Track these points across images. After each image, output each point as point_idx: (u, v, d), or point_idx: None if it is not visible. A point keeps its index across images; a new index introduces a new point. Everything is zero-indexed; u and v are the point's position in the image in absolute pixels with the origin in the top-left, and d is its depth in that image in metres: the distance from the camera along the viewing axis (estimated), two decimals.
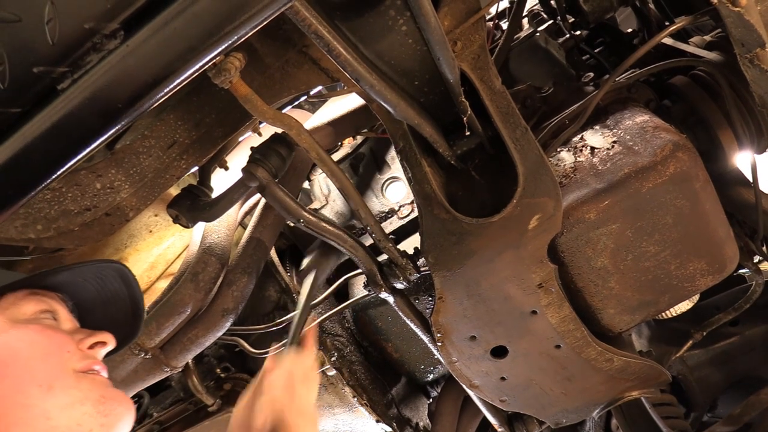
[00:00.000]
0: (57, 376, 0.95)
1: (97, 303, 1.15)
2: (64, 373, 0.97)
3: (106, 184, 1.28)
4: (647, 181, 1.28)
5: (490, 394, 1.52)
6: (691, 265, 1.37)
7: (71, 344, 1.00)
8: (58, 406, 0.93)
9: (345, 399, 1.80)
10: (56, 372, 0.96)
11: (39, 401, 0.91)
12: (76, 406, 0.94)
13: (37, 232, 1.27)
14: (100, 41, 0.67)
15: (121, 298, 1.17)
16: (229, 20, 0.69)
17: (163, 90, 0.70)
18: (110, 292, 1.16)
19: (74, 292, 1.11)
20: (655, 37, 1.38)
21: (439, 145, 1.26)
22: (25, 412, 0.90)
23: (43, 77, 0.69)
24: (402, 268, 1.38)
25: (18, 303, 1.01)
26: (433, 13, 1.02)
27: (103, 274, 1.15)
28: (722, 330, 1.97)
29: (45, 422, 0.91)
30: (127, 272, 1.17)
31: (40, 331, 0.99)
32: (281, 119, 1.13)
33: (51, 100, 0.71)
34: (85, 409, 0.95)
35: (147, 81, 0.68)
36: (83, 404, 0.95)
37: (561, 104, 1.62)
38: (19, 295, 1.02)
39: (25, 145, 0.72)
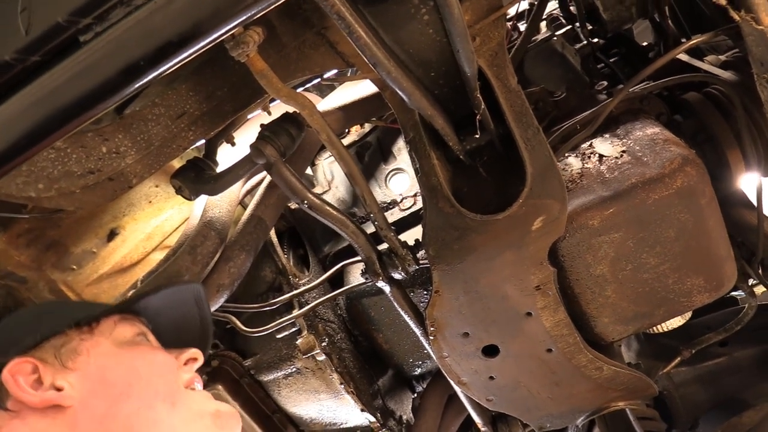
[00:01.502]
0: (176, 392, 1.01)
1: (169, 324, 1.18)
2: (179, 390, 1.02)
3: (111, 148, 1.27)
4: (654, 192, 1.28)
5: (478, 392, 1.52)
6: (689, 280, 1.37)
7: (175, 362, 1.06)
8: (182, 420, 0.98)
9: (332, 385, 1.80)
10: (174, 388, 1.01)
11: (167, 417, 0.96)
12: (197, 420, 1.00)
13: (38, 190, 1.26)
14: None
15: (191, 317, 1.22)
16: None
17: (186, 51, 0.69)
18: (182, 313, 1.20)
19: (151, 315, 1.16)
20: (674, 50, 1.38)
21: (450, 139, 1.26)
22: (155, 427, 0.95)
23: (66, 27, 0.68)
24: (402, 258, 1.37)
25: (116, 327, 1.06)
26: (457, 5, 1.01)
27: (179, 296, 1.20)
28: (711, 350, 1.98)
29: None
30: (203, 295, 1.23)
31: (150, 351, 1.05)
32: (295, 98, 1.12)
33: (72, 52, 0.70)
34: (204, 423, 1.00)
35: (172, 41, 0.67)
36: (203, 418, 1.01)
37: (572, 110, 1.62)
38: (113, 320, 1.07)
39: (41, 95, 0.71)
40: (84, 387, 0.95)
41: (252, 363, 1.88)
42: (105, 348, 1.01)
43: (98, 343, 1.01)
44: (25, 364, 0.93)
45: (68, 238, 1.67)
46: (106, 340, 1.02)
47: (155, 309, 1.15)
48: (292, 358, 1.80)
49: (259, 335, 1.71)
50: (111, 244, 1.77)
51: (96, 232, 1.73)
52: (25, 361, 0.93)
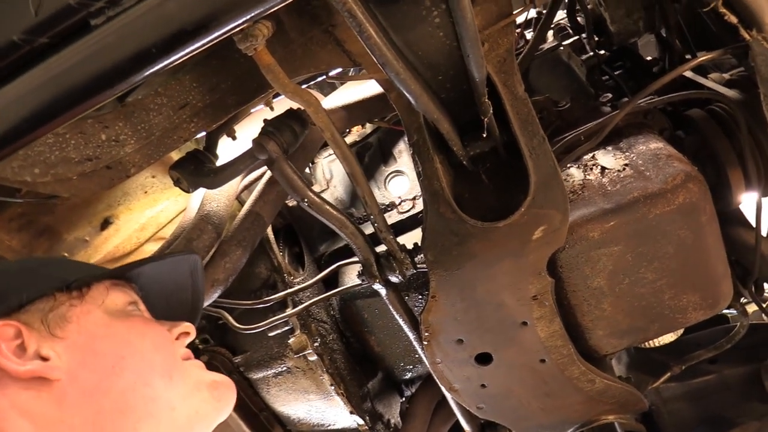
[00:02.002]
0: (173, 366, 0.96)
1: (161, 295, 1.13)
2: (176, 363, 0.97)
3: (111, 136, 1.25)
4: (655, 207, 1.28)
5: (469, 399, 1.51)
6: (686, 297, 1.37)
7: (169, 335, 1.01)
8: (180, 395, 0.93)
9: (322, 386, 1.79)
10: (171, 362, 0.96)
11: (164, 392, 0.91)
12: (194, 394, 0.95)
13: (33, 175, 1.24)
14: None
15: (184, 289, 1.17)
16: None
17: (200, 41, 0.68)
18: (176, 283, 1.15)
19: (144, 283, 1.10)
20: (683, 66, 1.39)
21: (454, 143, 1.25)
22: (153, 404, 0.90)
23: (78, 10, 0.66)
24: (399, 261, 1.36)
25: (108, 294, 0.99)
26: (470, 9, 1.00)
27: (175, 266, 1.15)
28: (700, 366, 1.98)
29: (170, 413, 0.91)
30: (199, 266, 1.18)
31: (144, 323, 0.99)
32: (301, 94, 1.11)
33: (82, 36, 0.68)
34: (202, 396, 0.96)
35: (186, 29, 0.66)
36: (200, 391, 0.96)
37: (576, 121, 1.62)
38: (105, 285, 1.01)
39: (47, 78, 0.70)
40: (73, 358, 0.87)
41: (242, 360, 1.86)
42: (96, 317, 0.94)
43: (89, 311, 0.94)
44: (8, 328, 0.84)
45: (61, 225, 1.64)
46: (98, 309, 0.95)
47: (148, 277, 1.10)
48: (283, 357, 1.79)
49: (251, 332, 1.70)
50: (104, 233, 1.75)
51: (89, 220, 1.71)
52: (7, 324, 0.85)
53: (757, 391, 1.93)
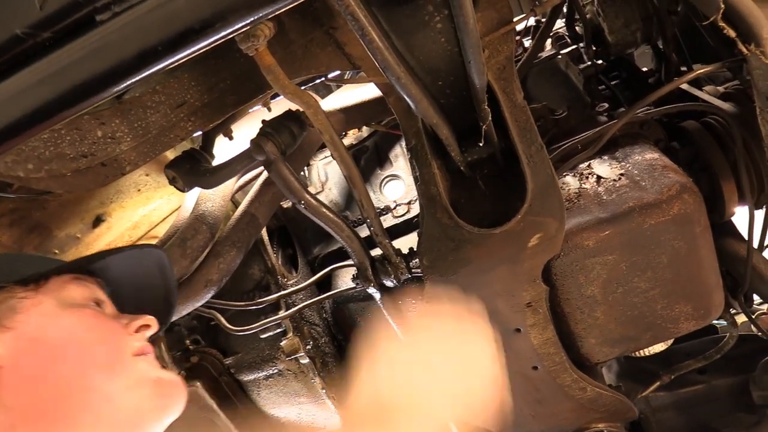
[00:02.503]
0: (116, 360, 0.95)
1: (131, 289, 1.13)
2: (122, 357, 0.96)
3: (107, 133, 1.24)
4: (650, 217, 1.29)
5: None
6: (678, 307, 1.38)
7: (122, 329, 1.00)
8: (120, 389, 0.92)
9: (313, 390, 1.78)
10: (115, 355, 0.96)
11: (102, 384, 0.91)
12: (135, 389, 0.94)
13: (27, 170, 1.22)
14: None
15: (155, 285, 1.16)
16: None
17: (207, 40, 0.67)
18: (144, 278, 1.15)
19: (111, 278, 1.10)
20: (680, 78, 1.40)
21: (452, 149, 1.25)
22: (90, 395, 0.90)
23: (83, 5, 0.65)
24: (395, 266, 1.36)
25: (65, 287, 1.00)
26: (472, 15, 1.00)
27: (142, 261, 1.14)
28: (689, 376, 1.99)
29: (108, 405, 0.91)
30: (166, 261, 1.17)
31: (94, 316, 0.99)
32: (300, 96, 1.11)
33: (86, 31, 0.67)
34: (144, 392, 0.95)
35: (193, 27, 0.65)
36: (142, 387, 0.95)
37: (572, 129, 1.63)
38: (64, 279, 1.01)
39: (50, 73, 0.69)
40: (17, 346, 0.89)
41: (233, 361, 1.85)
42: (46, 307, 0.95)
43: (40, 301, 0.95)
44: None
45: (53, 222, 1.63)
46: (50, 300, 0.96)
47: (117, 271, 1.10)
48: (275, 360, 1.78)
49: (243, 334, 1.69)
50: (96, 230, 1.74)
51: (82, 217, 1.69)
52: None
53: (745, 402, 1.94)
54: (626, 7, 1.68)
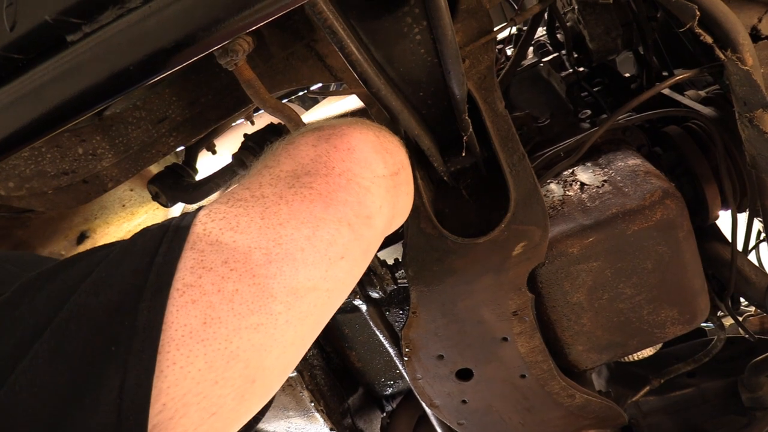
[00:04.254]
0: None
1: None
2: None
3: (88, 150, 1.23)
4: (633, 223, 1.29)
5: (449, 415, 1.50)
6: (664, 312, 1.38)
7: None
8: None
9: (302, 403, 1.77)
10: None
11: None
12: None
13: (7, 189, 1.22)
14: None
15: None
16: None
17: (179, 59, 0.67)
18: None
19: None
20: (661, 84, 1.40)
21: (435, 160, 1.25)
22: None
23: (54, 26, 0.65)
24: (380, 277, 1.36)
25: None
26: (450, 26, 1.01)
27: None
28: (679, 380, 2.00)
29: None
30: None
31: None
32: (282, 109, 1.11)
33: (58, 52, 0.67)
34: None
35: (165, 47, 0.65)
36: None
37: (556, 136, 1.63)
38: None
39: (20, 95, 0.68)
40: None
41: None
42: None
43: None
44: None
45: (36, 239, 1.62)
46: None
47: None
48: None
49: None
50: (80, 247, 1.72)
51: (65, 234, 1.68)
52: None
53: (735, 404, 1.95)
54: (606, 14, 1.69)
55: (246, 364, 0.64)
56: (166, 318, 0.58)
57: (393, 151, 1.00)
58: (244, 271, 0.65)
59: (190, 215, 0.69)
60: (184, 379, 0.58)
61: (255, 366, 0.65)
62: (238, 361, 0.63)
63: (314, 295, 0.72)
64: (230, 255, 0.65)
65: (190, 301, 0.60)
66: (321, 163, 0.82)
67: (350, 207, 0.80)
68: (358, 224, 0.81)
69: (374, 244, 0.91)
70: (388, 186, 0.93)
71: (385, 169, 0.93)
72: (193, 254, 0.63)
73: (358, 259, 0.83)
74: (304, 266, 0.71)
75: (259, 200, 0.73)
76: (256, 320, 0.65)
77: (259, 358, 0.66)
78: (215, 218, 0.69)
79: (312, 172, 0.80)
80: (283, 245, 0.69)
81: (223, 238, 0.66)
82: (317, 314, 0.75)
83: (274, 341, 0.67)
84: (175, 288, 0.60)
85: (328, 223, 0.76)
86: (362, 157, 0.88)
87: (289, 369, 0.75)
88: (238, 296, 0.63)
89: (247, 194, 0.74)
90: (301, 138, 0.89)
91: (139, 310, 0.58)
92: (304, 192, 0.76)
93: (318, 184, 0.79)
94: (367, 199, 0.84)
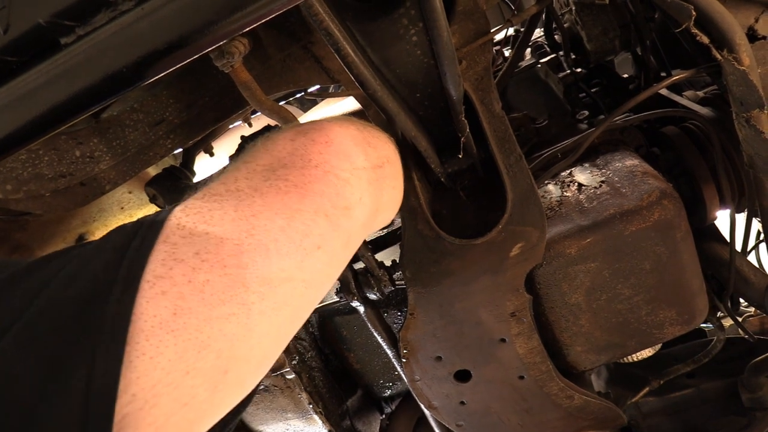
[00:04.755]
0: None
1: None
2: None
3: (86, 152, 1.24)
4: (631, 224, 1.29)
5: (448, 417, 1.50)
6: (662, 312, 1.38)
7: None
8: None
9: (300, 405, 1.76)
10: None
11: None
12: None
13: (5, 191, 1.22)
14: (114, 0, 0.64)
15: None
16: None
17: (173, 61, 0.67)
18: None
19: None
20: (658, 84, 1.40)
21: (432, 161, 1.25)
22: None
23: (47, 28, 0.65)
24: (378, 279, 1.36)
25: None
26: (446, 28, 1.01)
27: None
28: (678, 381, 1.99)
29: None
30: None
31: None
32: (278, 111, 1.11)
33: (52, 54, 0.67)
34: None
35: (158, 49, 0.65)
36: None
37: (553, 138, 1.63)
38: None
39: (14, 98, 0.68)
40: None
41: None
42: None
43: None
44: None
45: (34, 242, 1.62)
46: None
47: None
48: None
49: None
50: None
51: (64, 236, 1.68)
52: None
53: (735, 405, 1.94)
54: (604, 15, 1.69)
55: (218, 355, 0.63)
56: (136, 309, 0.58)
57: (377, 145, 1.00)
58: (216, 261, 0.65)
59: (165, 211, 0.69)
60: (153, 369, 0.58)
61: (227, 356, 0.65)
62: (210, 351, 0.62)
63: (289, 285, 0.72)
64: (202, 246, 0.65)
65: (160, 293, 0.60)
66: (297, 155, 0.82)
67: (327, 198, 0.80)
68: (335, 215, 0.81)
69: (356, 236, 0.91)
70: (370, 178, 0.93)
71: (366, 162, 0.93)
72: (165, 247, 0.63)
73: (337, 250, 0.83)
74: (278, 256, 0.70)
75: (234, 194, 0.73)
76: (227, 310, 0.64)
77: (232, 348, 0.65)
78: (189, 213, 0.69)
79: (288, 164, 0.80)
80: (255, 236, 0.69)
81: (196, 230, 0.66)
82: (294, 305, 0.75)
83: (248, 331, 0.67)
84: (145, 280, 0.60)
85: (304, 213, 0.76)
86: (341, 150, 0.88)
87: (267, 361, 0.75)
88: (209, 287, 0.63)
89: (222, 189, 0.74)
90: (280, 134, 0.89)
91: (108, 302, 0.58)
92: (279, 184, 0.76)
93: (293, 176, 0.79)
94: (345, 191, 0.84)
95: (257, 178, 0.77)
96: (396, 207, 1.11)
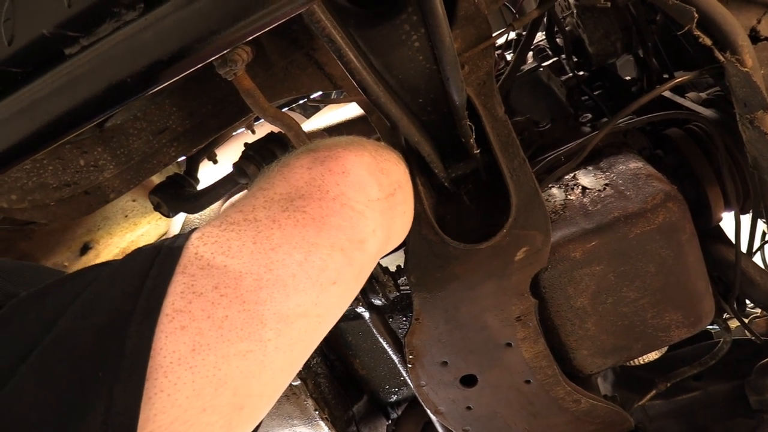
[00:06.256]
0: None
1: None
2: None
3: (90, 161, 1.24)
4: (635, 227, 1.29)
5: (454, 422, 1.49)
6: (668, 315, 1.37)
7: None
8: None
9: (306, 411, 1.76)
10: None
11: None
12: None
13: (10, 201, 1.22)
14: (118, 10, 0.65)
15: None
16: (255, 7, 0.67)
17: (176, 71, 0.67)
18: None
19: None
20: (661, 86, 1.40)
21: (436, 166, 1.25)
22: None
23: (51, 39, 0.65)
24: (382, 284, 1.36)
25: None
26: (448, 33, 1.01)
27: None
28: (685, 383, 1.98)
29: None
30: None
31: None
32: (281, 118, 1.11)
33: (56, 65, 0.67)
34: None
35: (161, 59, 0.65)
36: None
37: (556, 141, 1.63)
38: None
39: (20, 109, 0.69)
40: None
41: None
42: None
43: None
44: None
45: (39, 251, 1.62)
46: None
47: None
48: None
49: None
50: (84, 258, 1.73)
51: (68, 245, 1.69)
52: None
53: (742, 407, 1.93)
54: (605, 17, 1.69)
55: (234, 392, 0.63)
56: (155, 344, 0.57)
57: (389, 171, 1.00)
58: (235, 297, 0.64)
59: (182, 237, 0.68)
60: (171, 406, 0.57)
61: (243, 393, 0.65)
62: (227, 389, 0.62)
63: (305, 321, 0.71)
64: (221, 280, 0.64)
65: (179, 327, 0.59)
66: (315, 186, 0.82)
67: (343, 232, 0.80)
68: (350, 249, 0.81)
69: (367, 268, 0.91)
70: (383, 209, 0.93)
71: (380, 192, 0.93)
72: (183, 278, 0.63)
73: (350, 283, 0.83)
74: (295, 292, 0.70)
75: (252, 224, 0.73)
76: (245, 347, 0.64)
77: (248, 385, 0.65)
78: (207, 242, 0.68)
79: (306, 195, 0.80)
80: (274, 271, 0.69)
81: (214, 262, 0.66)
82: (307, 340, 0.75)
83: (264, 368, 0.67)
84: (164, 313, 0.59)
85: (321, 248, 0.75)
86: (356, 180, 0.88)
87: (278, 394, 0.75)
88: (227, 322, 0.63)
89: (239, 217, 0.74)
90: (296, 160, 0.88)
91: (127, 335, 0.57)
92: (297, 216, 0.76)
93: (311, 208, 0.78)
94: (360, 224, 0.84)
95: (275, 208, 0.76)
96: (406, 231, 1.11)
